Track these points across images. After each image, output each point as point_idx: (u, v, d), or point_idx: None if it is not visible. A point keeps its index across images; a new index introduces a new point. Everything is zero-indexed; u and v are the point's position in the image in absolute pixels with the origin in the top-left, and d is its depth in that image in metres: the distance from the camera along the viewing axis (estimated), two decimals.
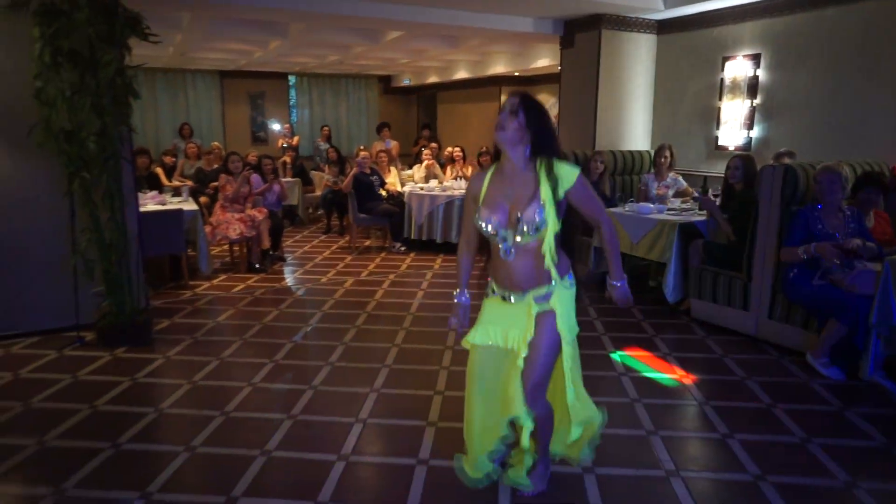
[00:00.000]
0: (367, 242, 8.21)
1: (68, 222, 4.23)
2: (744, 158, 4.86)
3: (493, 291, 2.37)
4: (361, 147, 8.46)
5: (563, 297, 2.30)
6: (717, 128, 6.25)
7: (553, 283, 2.27)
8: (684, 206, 5.55)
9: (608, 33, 6.46)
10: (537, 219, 2.15)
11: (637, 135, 6.88)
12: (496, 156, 2.31)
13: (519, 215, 2.17)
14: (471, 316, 2.49)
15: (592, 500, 2.54)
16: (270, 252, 6.94)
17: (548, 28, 6.73)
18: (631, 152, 6.46)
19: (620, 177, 6.43)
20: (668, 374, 3.82)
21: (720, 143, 6.22)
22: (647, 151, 6.47)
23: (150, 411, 3.30)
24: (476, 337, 2.38)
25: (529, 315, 2.27)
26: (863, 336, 3.64)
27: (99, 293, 4.27)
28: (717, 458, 2.87)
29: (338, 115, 12.85)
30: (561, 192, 2.18)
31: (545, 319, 2.27)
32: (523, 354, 2.26)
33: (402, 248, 7.70)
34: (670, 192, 5.93)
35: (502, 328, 2.32)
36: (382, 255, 7.44)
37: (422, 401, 3.42)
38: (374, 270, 6.59)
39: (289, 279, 6.32)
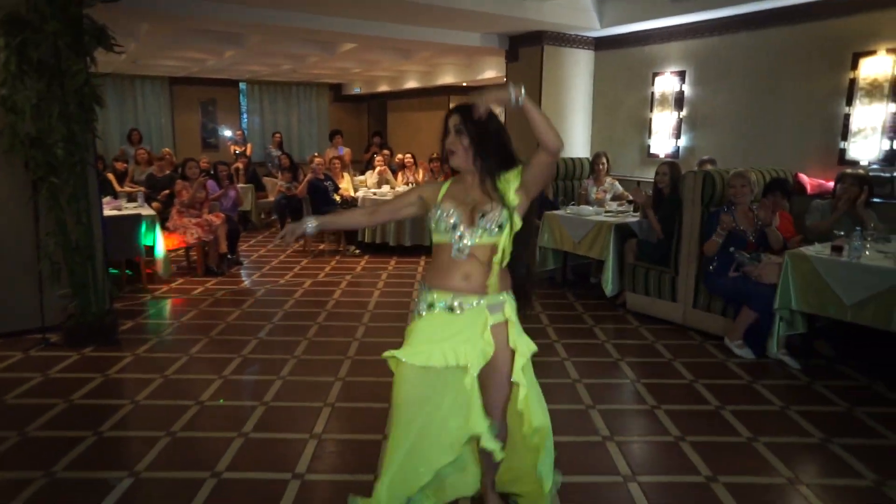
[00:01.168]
0: (322, 246, 8.41)
1: (33, 226, 4.33)
2: (671, 165, 5.39)
3: (432, 306, 2.13)
4: (315, 154, 8.69)
5: (515, 308, 2.19)
6: (649, 137, 6.83)
7: (505, 292, 2.16)
8: (620, 208, 6.05)
9: (550, 49, 6.95)
10: (500, 217, 2.06)
11: (577, 143, 7.39)
12: (454, 172, 2.21)
13: (482, 213, 2.08)
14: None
15: None
16: (228, 256, 7.09)
17: (493, 42, 7.17)
18: (572, 159, 6.94)
19: (563, 182, 6.90)
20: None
21: (652, 150, 6.79)
22: (587, 158, 6.97)
23: (127, 402, 3.49)
24: (411, 355, 2.07)
25: (485, 326, 2.09)
26: (769, 320, 4.18)
27: (65, 295, 4.38)
28: (647, 426, 3.30)
29: (289, 122, 12.99)
30: (515, 192, 2.08)
31: (499, 332, 2.14)
32: (475, 372, 2.08)
33: (357, 251, 7.95)
34: (608, 196, 6.44)
35: (450, 344, 2.07)
36: (337, 258, 7.68)
37: (383, 386, 3.72)
38: (331, 272, 6.83)
39: (247, 281, 6.49)
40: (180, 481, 2.71)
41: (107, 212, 6.08)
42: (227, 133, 12.08)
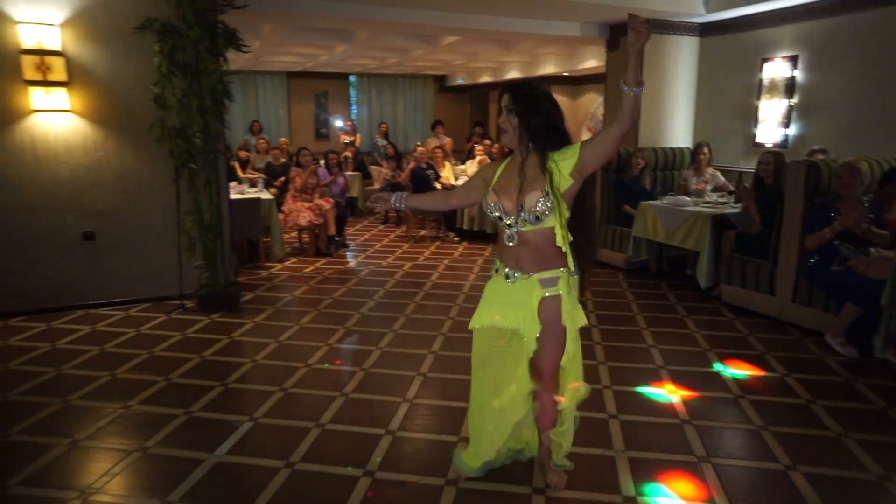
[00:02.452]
0: (423, 232, 8.81)
1: (175, 206, 4.98)
2: (775, 154, 5.21)
3: (497, 270, 2.35)
4: (418, 143, 9.07)
5: (570, 284, 2.29)
6: (755, 126, 6.56)
7: (562, 269, 2.26)
8: (721, 199, 5.91)
9: (651, 36, 6.83)
10: (538, 207, 2.15)
11: (678, 132, 7.23)
12: (510, 151, 2.32)
13: (522, 204, 2.18)
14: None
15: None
16: (335, 238, 7.65)
17: (594, 32, 7.17)
18: (672, 149, 6.83)
19: (661, 172, 6.81)
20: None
21: (758, 140, 6.53)
22: (688, 148, 6.83)
23: (248, 361, 3.99)
24: (477, 319, 2.35)
25: (534, 297, 2.25)
26: (876, 317, 3.99)
27: (199, 266, 5.01)
28: (728, 414, 3.32)
29: (395, 112, 13.55)
30: (569, 173, 2.15)
31: (551, 304, 2.26)
32: (528, 336, 2.26)
33: (456, 238, 8.27)
34: (708, 187, 6.29)
35: (505, 308, 2.28)
36: (437, 243, 8.03)
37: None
38: (430, 257, 7.18)
39: (352, 262, 6.98)
40: (291, 428, 3.12)
41: (232, 195, 6.80)
42: (338, 124, 12.82)
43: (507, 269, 2.29)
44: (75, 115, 4.81)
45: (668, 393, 3.54)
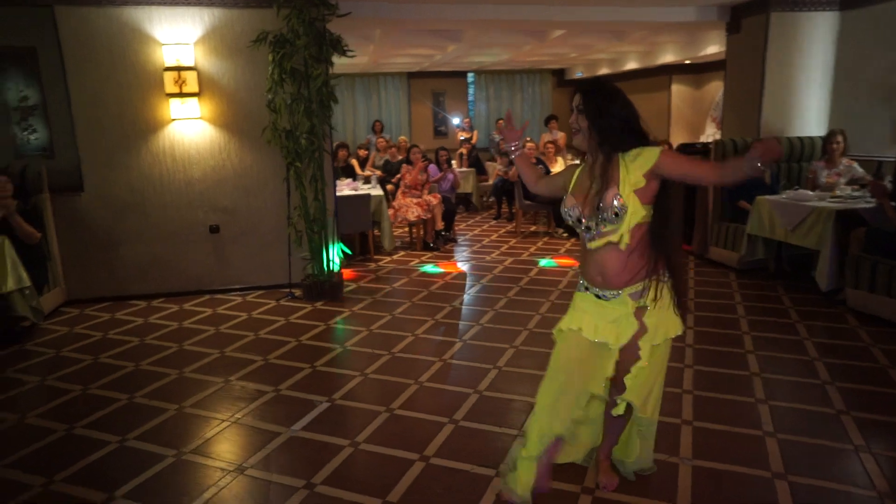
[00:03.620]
0: (533, 228, 8.78)
1: (285, 202, 5.44)
2: None
3: (587, 288, 2.29)
4: (528, 139, 9.04)
5: (659, 292, 2.19)
6: None
7: (646, 279, 2.18)
8: (855, 193, 5.30)
9: (778, 15, 6.26)
10: (615, 203, 2.08)
11: (809, 120, 6.55)
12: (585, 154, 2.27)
13: (599, 203, 2.13)
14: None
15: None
16: (443, 233, 7.86)
17: (712, 15, 6.69)
18: (800, 138, 6.22)
19: (787, 164, 6.23)
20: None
21: None
22: (819, 137, 6.17)
23: (338, 347, 4.28)
24: (568, 322, 2.30)
25: (629, 313, 2.20)
26: None
27: (305, 258, 5.43)
28: (819, 428, 3.01)
29: (513, 109, 13.55)
30: (641, 174, 2.08)
31: (641, 315, 2.21)
32: (615, 347, 2.23)
33: (564, 234, 8.15)
34: (842, 180, 5.65)
35: (598, 322, 2.23)
36: (545, 239, 7.97)
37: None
38: (535, 252, 7.16)
39: (456, 256, 7.14)
40: (364, 411, 3.32)
41: (346, 192, 7.25)
42: (455, 121, 13.09)
43: (595, 289, 2.25)
44: (204, 122, 5.42)
45: (756, 402, 3.28)
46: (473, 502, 2.51)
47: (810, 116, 6.57)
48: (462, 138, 11.40)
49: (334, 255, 5.53)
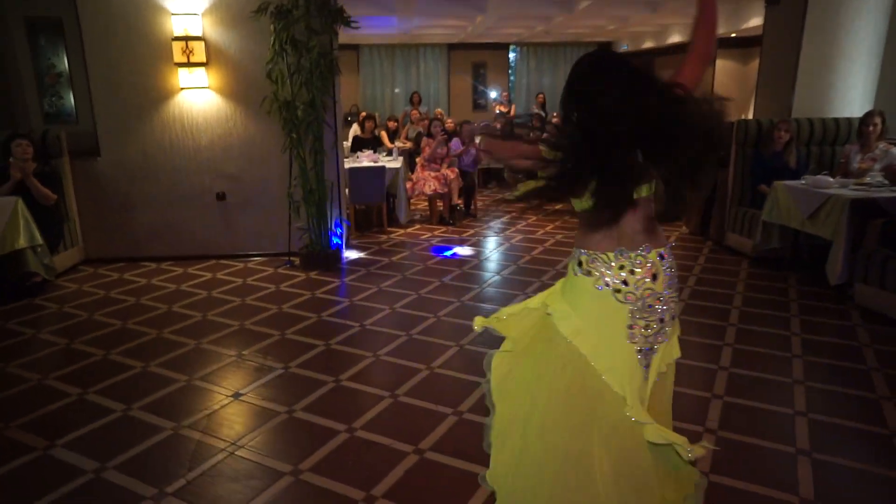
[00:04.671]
0: (559, 206, 8.56)
1: (287, 172, 5.53)
2: None
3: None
4: (554, 114, 8.78)
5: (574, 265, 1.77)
6: None
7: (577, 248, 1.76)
8: (885, 181, 4.87)
9: None
10: None
11: (853, 99, 6.02)
12: None
13: None
14: None
15: None
16: (459, 208, 7.81)
17: None
18: (836, 120, 5.75)
19: (818, 147, 5.79)
20: None
21: None
22: (858, 119, 5.69)
23: (314, 317, 4.36)
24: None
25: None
26: None
27: (301, 228, 5.53)
28: (775, 430, 2.84)
29: (555, 83, 13.18)
30: None
31: None
32: None
33: None
34: (877, 166, 5.21)
35: None
36: (566, 217, 7.76)
37: None
38: (550, 231, 7.01)
39: (469, 232, 7.09)
40: (313, 380, 3.38)
41: (365, 163, 7.29)
42: (493, 94, 12.86)
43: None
44: (212, 91, 5.55)
45: (711, 397, 3.13)
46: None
47: (853, 96, 6.05)
48: (498, 112, 11.21)
49: (332, 225, 5.60)
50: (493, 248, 6.31)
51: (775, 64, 6.25)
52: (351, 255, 5.98)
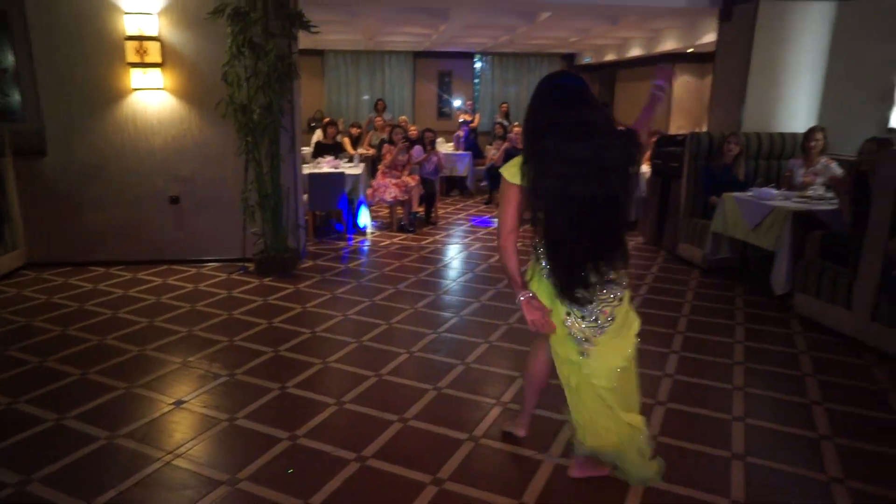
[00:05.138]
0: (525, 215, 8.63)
1: (243, 177, 5.45)
2: (880, 142, 4.33)
3: None
4: (515, 124, 8.88)
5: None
6: (893, 108, 5.47)
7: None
8: (827, 194, 5.05)
9: (769, 3, 5.96)
10: None
11: (797, 114, 6.24)
12: None
13: None
14: None
15: None
16: (418, 215, 7.81)
17: (703, 2, 6.42)
18: (781, 134, 5.95)
19: (766, 161, 5.97)
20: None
21: (891, 125, 5.44)
22: (802, 134, 5.89)
23: (263, 323, 4.29)
24: None
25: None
26: None
27: (255, 233, 5.45)
28: (710, 435, 2.90)
29: (519, 92, 13.32)
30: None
31: None
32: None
33: None
34: (819, 180, 5.39)
35: None
36: (527, 227, 7.81)
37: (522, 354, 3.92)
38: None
39: (428, 240, 7.09)
40: (259, 387, 3.33)
41: (325, 169, 7.24)
42: (457, 103, 12.93)
43: None
44: (167, 92, 5.45)
45: (655, 404, 3.18)
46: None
47: (797, 111, 6.28)
48: (462, 120, 11.26)
49: (288, 230, 5.54)
50: (451, 255, 6.32)
51: (727, 79, 6.44)
52: (307, 261, 5.92)
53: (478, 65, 13.34)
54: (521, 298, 2.29)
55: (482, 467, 2.63)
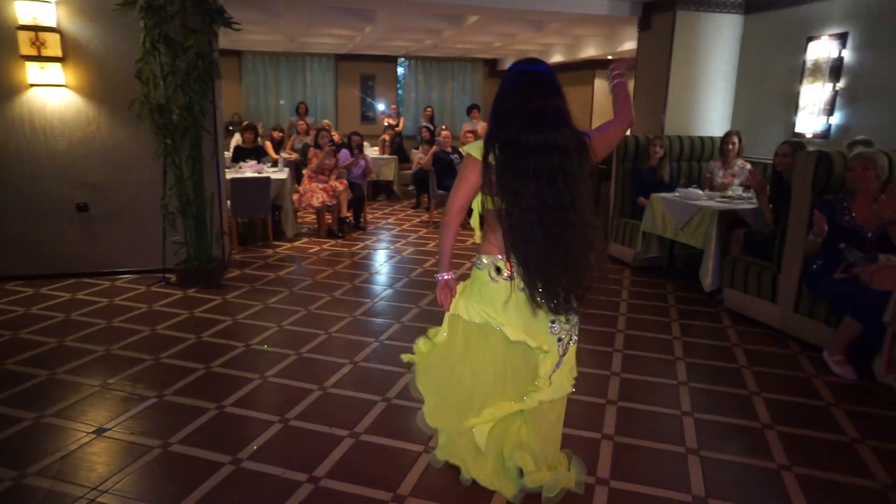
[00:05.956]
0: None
1: (162, 181, 5.07)
2: (793, 145, 4.61)
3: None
4: (443, 127, 8.85)
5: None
6: (796, 113, 5.85)
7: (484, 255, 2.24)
8: (746, 194, 5.33)
9: (684, 14, 6.25)
10: None
11: (713, 120, 6.59)
12: None
13: None
14: None
15: None
16: (349, 221, 7.60)
17: (624, 10, 6.64)
18: (701, 138, 6.24)
19: (687, 163, 6.24)
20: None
21: (797, 129, 5.82)
22: (719, 137, 6.21)
23: (192, 338, 3.99)
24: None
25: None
26: (878, 335, 3.43)
27: (177, 242, 5.08)
28: (662, 432, 2.93)
29: (443, 97, 13.35)
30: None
31: None
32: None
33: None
34: (736, 181, 5.69)
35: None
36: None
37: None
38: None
39: (358, 245, 6.90)
40: (193, 408, 3.06)
41: (248, 174, 6.89)
42: (381, 107, 12.78)
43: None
44: (70, 90, 4.98)
45: (605, 403, 3.19)
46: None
47: (713, 117, 6.62)
48: (387, 124, 11.12)
49: (213, 239, 5.20)
50: (383, 261, 6.18)
51: (649, 85, 6.69)
52: (233, 270, 5.59)
53: (400, 69, 13.24)
54: (446, 277, 2.30)
55: (442, 483, 2.52)
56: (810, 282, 3.87)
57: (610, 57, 9.67)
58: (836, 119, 5.50)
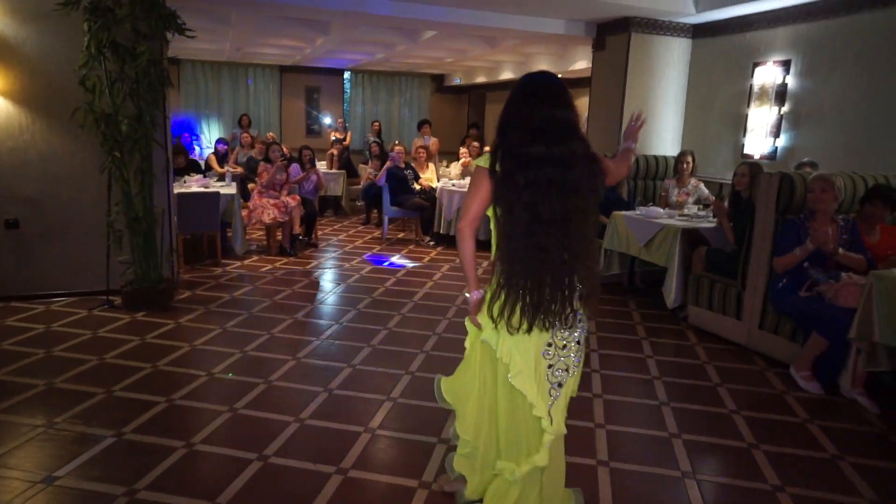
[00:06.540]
0: (401, 235, 8.48)
1: (106, 196, 4.70)
2: (751, 166, 4.78)
3: None
4: (396, 142, 8.75)
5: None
6: (744, 135, 6.11)
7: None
8: (701, 213, 5.48)
9: (638, 36, 6.44)
10: None
11: (665, 140, 6.80)
12: None
13: None
14: None
15: None
16: (301, 237, 7.34)
17: (580, 30, 6.77)
18: (655, 157, 6.41)
19: (643, 181, 6.39)
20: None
21: (746, 150, 6.08)
22: (673, 157, 6.40)
23: (147, 367, 3.68)
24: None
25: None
26: (843, 350, 3.56)
27: (124, 261, 4.72)
28: (653, 456, 2.91)
29: (390, 111, 13.24)
30: None
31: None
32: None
33: (431, 242, 7.91)
34: (690, 199, 5.86)
35: None
36: (411, 247, 7.68)
37: (390, 378, 3.64)
38: (396, 262, 6.84)
39: (313, 263, 6.66)
40: (158, 447, 2.79)
41: (194, 188, 6.53)
42: (328, 120, 12.54)
43: None
44: None
45: (594, 427, 3.14)
46: None
47: (667, 136, 6.83)
48: (334, 138, 10.91)
49: (162, 258, 4.86)
50: (342, 279, 5.97)
51: (603, 104, 6.83)
52: (183, 291, 5.25)
53: (347, 82, 13.05)
54: (476, 295, 2.20)
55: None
56: (776, 299, 3.98)
57: (560, 75, 9.88)
58: (782, 141, 5.78)
